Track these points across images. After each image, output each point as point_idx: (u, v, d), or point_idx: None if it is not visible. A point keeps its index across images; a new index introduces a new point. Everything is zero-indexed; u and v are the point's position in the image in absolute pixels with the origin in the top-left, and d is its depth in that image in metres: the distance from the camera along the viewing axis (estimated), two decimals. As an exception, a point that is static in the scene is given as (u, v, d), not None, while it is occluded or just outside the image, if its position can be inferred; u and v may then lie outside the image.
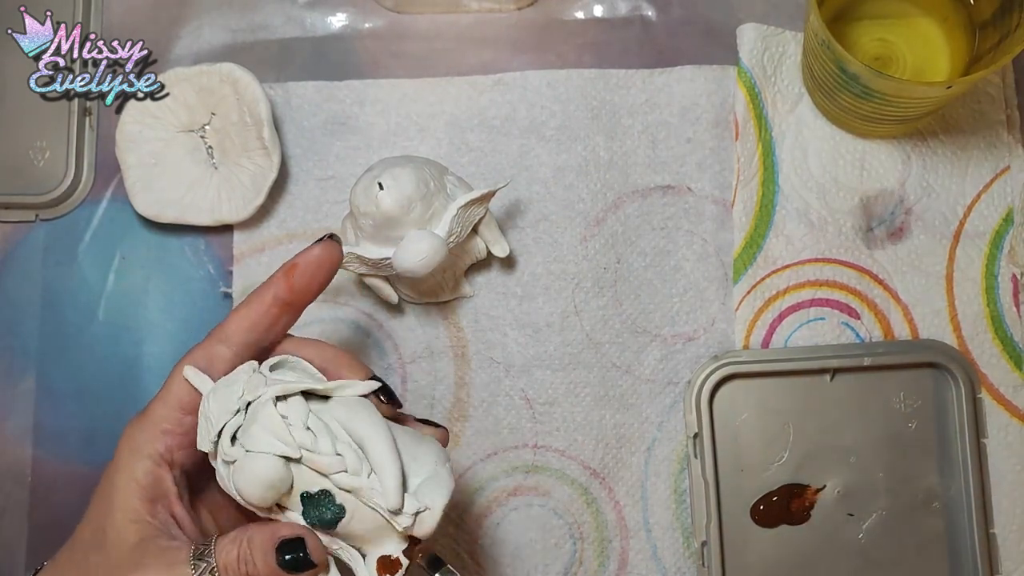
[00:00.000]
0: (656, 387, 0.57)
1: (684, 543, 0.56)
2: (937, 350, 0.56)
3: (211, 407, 0.41)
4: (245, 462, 0.40)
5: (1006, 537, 0.55)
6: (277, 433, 0.40)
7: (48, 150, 0.59)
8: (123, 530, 0.41)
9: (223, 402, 0.41)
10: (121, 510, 0.42)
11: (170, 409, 0.42)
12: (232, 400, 0.41)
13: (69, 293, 0.58)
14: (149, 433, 0.42)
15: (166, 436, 0.42)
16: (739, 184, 0.58)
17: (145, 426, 0.42)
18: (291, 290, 0.43)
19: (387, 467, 0.40)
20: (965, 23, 0.55)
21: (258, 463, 0.40)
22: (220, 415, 0.41)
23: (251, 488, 0.40)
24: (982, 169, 0.58)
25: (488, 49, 0.60)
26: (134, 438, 0.42)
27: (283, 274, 0.43)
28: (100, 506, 0.42)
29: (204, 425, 0.41)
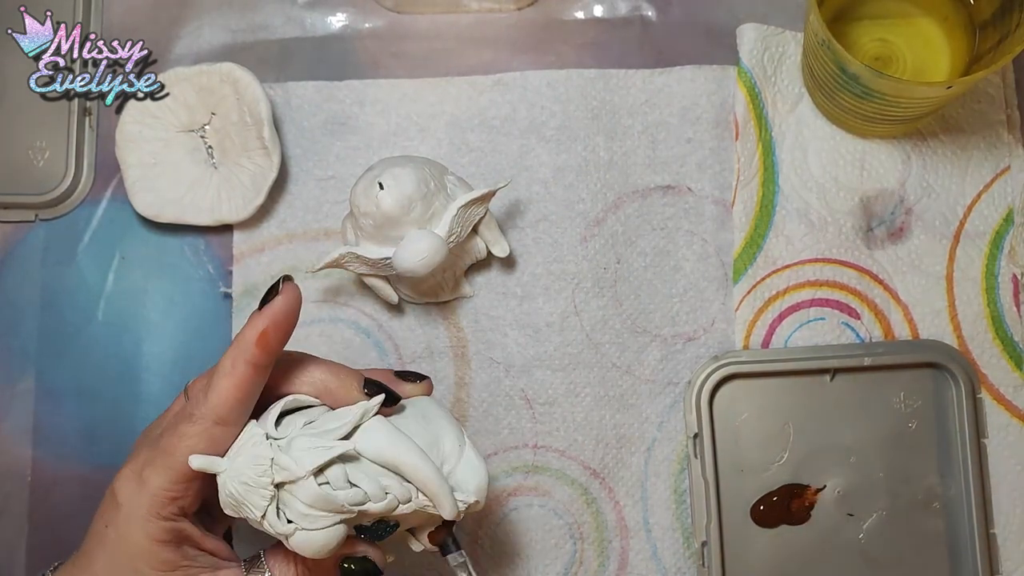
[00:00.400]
0: (656, 387, 0.57)
1: (684, 543, 0.56)
2: (937, 350, 0.56)
3: (240, 493, 0.40)
4: (305, 538, 0.40)
5: (1006, 537, 0.55)
6: (328, 508, 0.40)
7: (48, 150, 0.59)
8: None
9: (252, 488, 0.40)
10: (150, 565, 0.41)
11: (173, 482, 0.41)
12: (263, 485, 0.40)
13: (68, 293, 0.58)
14: (156, 502, 0.41)
15: (175, 502, 0.42)
16: (739, 184, 0.58)
17: (150, 496, 0.41)
18: (267, 354, 0.42)
19: (434, 486, 0.42)
20: (965, 23, 0.55)
21: (318, 538, 0.40)
22: (255, 501, 0.40)
23: (318, 555, 0.41)
24: (982, 169, 0.58)
25: (488, 49, 0.60)
26: (138, 505, 0.41)
27: (256, 343, 0.41)
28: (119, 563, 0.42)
29: (236, 504, 0.41)
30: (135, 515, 0.41)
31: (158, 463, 0.42)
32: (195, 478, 0.42)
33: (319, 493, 0.40)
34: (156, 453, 0.42)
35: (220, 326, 0.58)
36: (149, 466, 0.42)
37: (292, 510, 0.40)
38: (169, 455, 0.41)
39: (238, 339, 0.42)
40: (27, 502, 0.57)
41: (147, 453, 0.42)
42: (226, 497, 0.41)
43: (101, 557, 0.42)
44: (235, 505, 0.41)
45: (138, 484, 0.42)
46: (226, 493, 0.41)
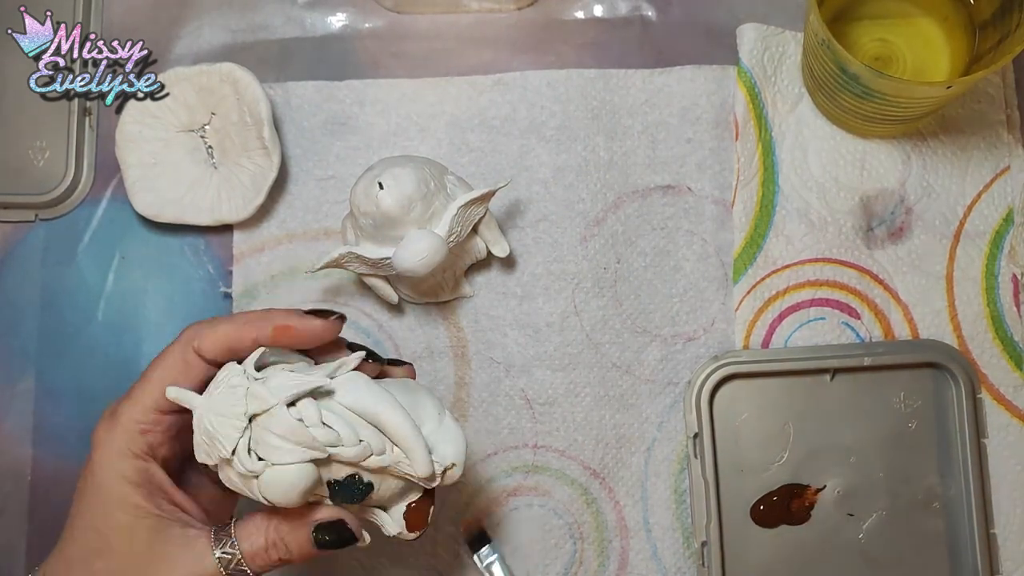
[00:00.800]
0: (656, 387, 0.57)
1: (684, 543, 0.56)
2: (937, 350, 0.56)
3: (213, 425, 0.40)
4: (273, 475, 0.40)
5: (1006, 537, 0.55)
6: (300, 440, 0.40)
7: (48, 150, 0.59)
8: (132, 529, 0.41)
9: (226, 419, 0.40)
10: (123, 511, 0.41)
11: (145, 411, 0.42)
12: (236, 417, 0.40)
13: (68, 293, 0.58)
14: (126, 434, 0.42)
15: (146, 436, 0.42)
16: (739, 184, 0.58)
17: (121, 429, 0.42)
18: (273, 342, 0.43)
19: (410, 440, 0.41)
20: (965, 23, 0.55)
21: (288, 474, 0.40)
22: (227, 433, 0.40)
23: (285, 498, 0.40)
24: (982, 169, 0.58)
25: (488, 49, 0.60)
26: (112, 441, 0.42)
27: (274, 328, 0.42)
28: (92, 513, 0.42)
29: (208, 442, 0.40)
30: (107, 454, 0.41)
31: (133, 394, 0.42)
32: (167, 409, 0.42)
33: (291, 423, 0.39)
34: (133, 387, 0.43)
35: (220, 326, 0.58)
36: (123, 400, 0.42)
37: (263, 446, 0.40)
38: (144, 382, 0.42)
39: (267, 311, 0.43)
40: (27, 502, 0.57)
41: (125, 394, 0.43)
42: (200, 435, 0.40)
43: (77, 511, 0.42)
44: (207, 443, 0.40)
45: (110, 421, 0.42)
46: (200, 430, 0.40)
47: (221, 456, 0.40)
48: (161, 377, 0.42)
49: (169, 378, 0.42)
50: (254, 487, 0.40)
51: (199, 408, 0.41)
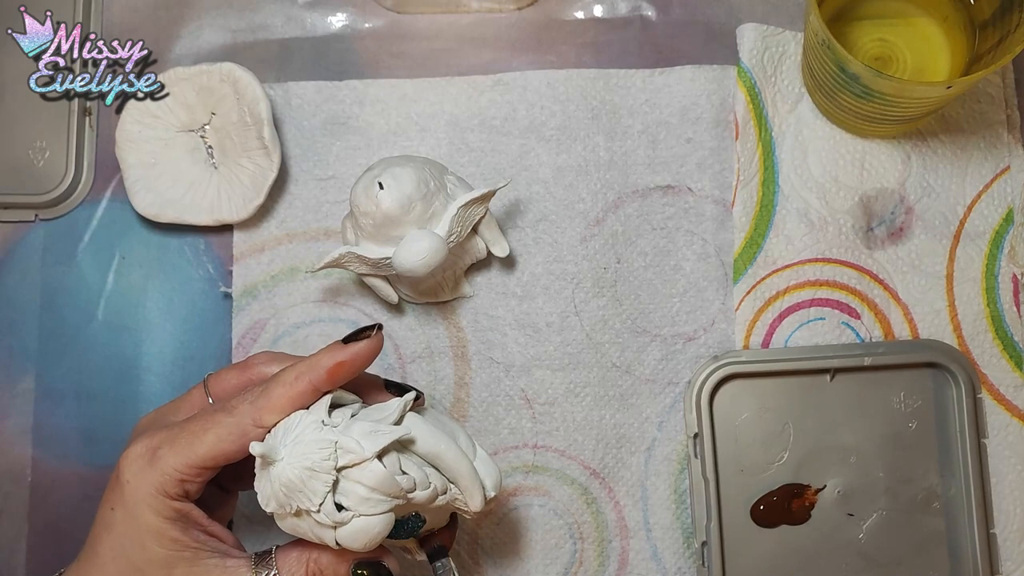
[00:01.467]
0: (656, 387, 0.57)
1: (684, 543, 0.56)
2: (937, 350, 0.56)
3: (302, 480, 0.40)
4: (360, 524, 0.40)
5: (1006, 537, 0.55)
6: (390, 492, 0.41)
7: (48, 150, 0.59)
8: (169, 561, 0.41)
9: (317, 473, 0.40)
10: (159, 543, 0.41)
11: (188, 466, 0.42)
12: (327, 470, 0.40)
13: (68, 293, 0.58)
14: (164, 479, 0.42)
15: (183, 484, 0.42)
16: (739, 184, 0.58)
17: (159, 472, 0.42)
18: (331, 383, 0.43)
19: (470, 479, 0.44)
20: (965, 23, 0.55)
21: (375, 524, 0.41)
22: (316, 487, 0.40)
23: (367, 545, 0.41)
24: (982, 169, 0.58)
25: (488, 49, 0.60)
26: (146, 479, 0.42)
27: (329, 370, 0.43)
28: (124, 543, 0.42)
29: (286, 495, 0.40)
30: (141, 492, 0.42)
31: (179, 444, 0.42)
32: (210, 467, 0.42)
33: (385, 475, 0.40)
34: (179, 433, 0.42)
35: (220, 326, 0.58)
36: (167, 445, 0.42)
37: (351, 497, 0.40)
38: (194, 437, 0.42)
39: (311, 359, 0.43)
40: (27, 502, 0.57)
41: (165, 434, 0.43)
42: (279, 487, 0.40)
43: (107, 541, 0.42)
44: (286, 495, 0.40)
45: (148, 462, 0.42)
46: (281, 482, 0.40)
47: (303, 508, 0.40)
48: (216, 442, 0.42)
49: (224, 445, 0.42)
50: (328, 535, 0.41)
51: (282, 460, 0.40)
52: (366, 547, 0.41)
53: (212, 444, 0.42)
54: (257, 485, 0.42)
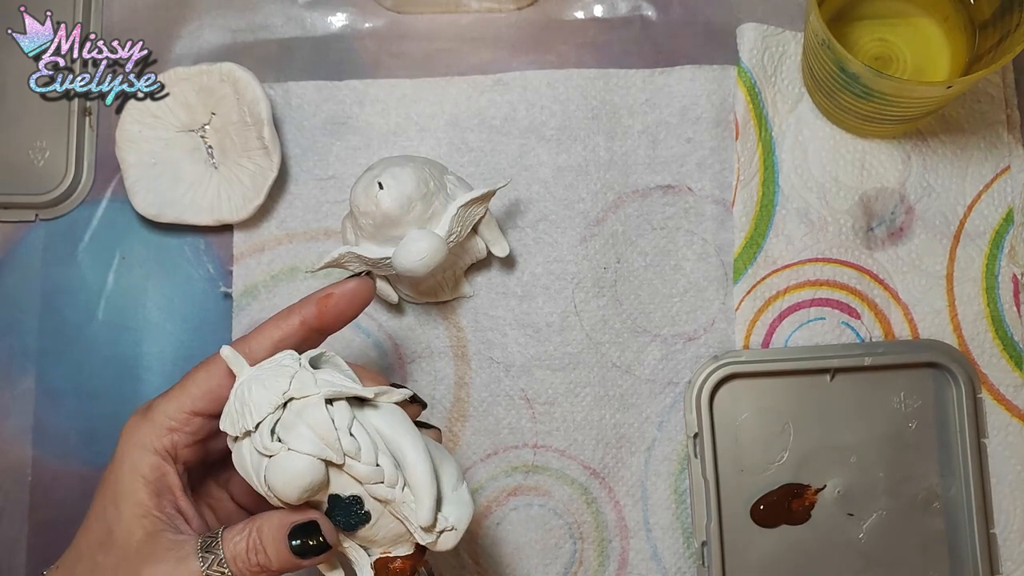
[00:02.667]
0: (656, 387, 0.57)
1: (684, 543, 0.56)
2: (937, 350, 0.56)
3: (252, 395, 0.40)
4: (285, 460, 0.39)
5: (1006, 537, 0.55)
6: (325, 437, 0.39)
7: (48, 150, 0.59)
8: (131, 526, 0.41)
9: (266, 393, 0.40)
10: (128, 506, 0.42)
11: (178, 409, 0.42)
12: (276, 393, 0.40)
13: (69, 293, 0.58)
14: (154, 430, 0.42)
15: (172, 434, 0.42)
16: (739, 184, 0.58)
17: (150, 423, 0.42)
18: (320, 317, 0.43)
19: (424, 486, 0.41)
20: (965, 23, 0.55)
21: (300, 463, 0.39)
22: (261, 406, 0.40)
23: (286, 487, 0.39)
24: (982, 169, 0.58)
25: (488, 49, 0.60)
26: (137, 434, 0.42)
27: (315, 301, 0.43)
28: (105, 505, 0.42)
29: (239, 410, 0.40)
30: (129, 446, 0.42)
31: (171, 392, 0.43)
32: (199, 412, 0.42)
33: (323, 418, 0.39)
34: (173, 386, 0.43)
35: (220, 326, 0.58)
36: (161, 397, 0.43)
37: (289, 430, 0.39)
38: (184, 381, 0.43)
39: (302, 300, 0.44)
40: (27, 502, 0.57)
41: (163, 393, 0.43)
42: (233, 402, 0.40)
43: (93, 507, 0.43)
44: (238, 412, 0.40)
45: (142, 414, 0.43)
46: (236, 397, 0.40)
47: (245, 427, 0.40)
48: (205, 378, 0.42)
49: (213, 380, 0.42)
50: (261, 469, 0.40)
51: (244, 375, 0.41)
52: (288, 489, 0.39)
53: (201, 381, 0.42)
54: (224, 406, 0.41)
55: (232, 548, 0.41)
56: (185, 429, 0.42)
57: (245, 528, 0.41)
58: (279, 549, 0.41)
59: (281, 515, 0.41)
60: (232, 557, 0.41)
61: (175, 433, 0.42)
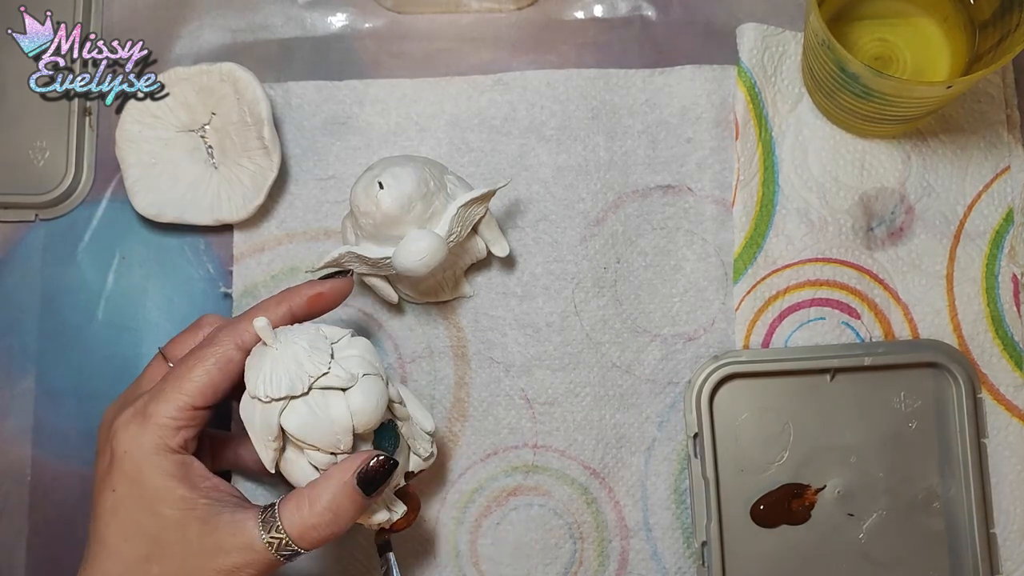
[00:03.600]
0: (656, 387, 0.57)
1: (684, 543, 0.56)
2: (937, 350, 0.56)
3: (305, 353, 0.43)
4: (364, 383, 0.44)
5: (1006, 537, 0.55)
6: (374, 361, 0.46)
7: (48, 150, 0.59)
8: (183, 523, 0.42)
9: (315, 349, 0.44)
10: (170, 507, 0.42)
11: (181, 409, 0.43)
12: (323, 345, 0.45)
13: (69, 293, 0.58)
14: (164, 432, 0.42)
15: (182, 431, 0.43)
16: (739, 184, 0.58)
17: (156, 427, 0.42)
18: (308, 310, 0.47)
19: (420, 407, 0.50)
20: (965, 23, 0.55)
21: (376, 382, 0.45)
22: (321, 357, 0.44)
23: (375, 405, 0.44)
24: (982, 169, 0.58)
25: (488, 49, 0.60)
26: (146, 441, 0.42)
27: (308, 298, 0.48)
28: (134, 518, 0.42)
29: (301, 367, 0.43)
30: (141, 456, 0.42)
31: (166, 393, 0.43)
32: (202, 406, 0.43)
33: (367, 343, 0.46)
34: (162, 386, 0.43)
35: (220, 326, 0.58)
36: (154, 401, 0.43)
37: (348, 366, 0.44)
38: (180, 380, 0.43)
39: (293, 288, 0.48)
40: (27, 502, 0.57)
41: (148, 395, 0.44)
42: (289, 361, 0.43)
43: (115, 524, 0.42)
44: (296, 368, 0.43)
45: (141, 424, 0.42)
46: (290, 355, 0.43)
47: (314, 373, 0.43)
48: (204, 374, 0.43)
49: (212, 374, 0.43)
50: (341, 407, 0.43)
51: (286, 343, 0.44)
52: (377, 409, 0.44)
53: (200, 378, 0.43)
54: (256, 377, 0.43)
55: (292, 521, 0.42)
56: (192, 424, 0.43)
57: (303, 497, 0.43)
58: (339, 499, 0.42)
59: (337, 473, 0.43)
60: (296, 532, 0.42)
61: (184, 430, 0.43)
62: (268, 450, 0.44)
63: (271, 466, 0.45)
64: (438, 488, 0.57)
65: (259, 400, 0.43)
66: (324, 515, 0.42)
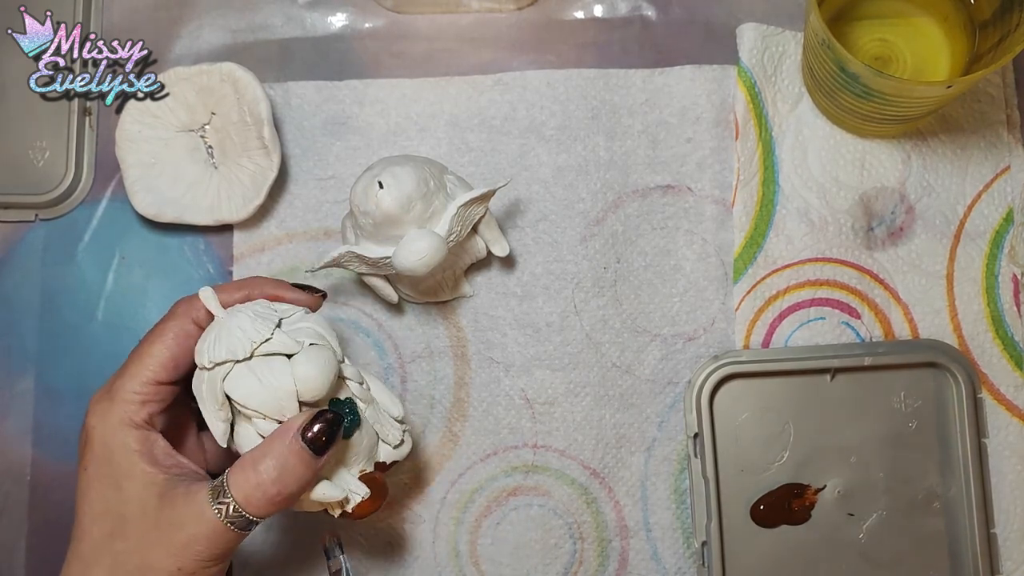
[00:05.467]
0: (656, 387, 0.57)
1: (684, 543, 0.56)
2: (937, 350, 0.56)
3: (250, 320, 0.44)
4: (311, 351, 0.44)
5: (1006, 537, 0.55)
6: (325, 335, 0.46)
7: (48, 150, 0.59)
8: (142, 497, 0.42)
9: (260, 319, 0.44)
10: (132, 483, 0.42)
11: (143, 383, 0.43)
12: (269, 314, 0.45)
13: (68, 293, 0.58)
14: (127, 407, 0.43)
15: (146, 406, 0.43)
16: (739, 184, 0.58)
17: (120, 403, 0.43)
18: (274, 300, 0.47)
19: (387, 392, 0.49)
20: (965, 23, 0.55)
21: (323, 351, 0.44)
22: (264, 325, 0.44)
23: (319, 373, 0.44)
24: (982, 169, 0.58)
25: (488, 49, 0.60)
26: (111, 417, 0.43)
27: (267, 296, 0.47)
28: (102, 497, 0.42)
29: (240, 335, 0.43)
30: (107, 430, 0.43)
31: (130, 368, 0.44)
32: (165, 380, 0.44)
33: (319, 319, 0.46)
34: (127, 362, 0.44)
35: (220, 326, 0.58)
36: (119, 378, 0.44)
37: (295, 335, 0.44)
38: (141, 355, 0.44)
39: (254, 279, 0.47)
40: (27, 502, 0.57)
41: (117, 372, 0.44)
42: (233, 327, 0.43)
43: (85, 503, 0.43)
44: (240, 335, 0.43)
45: (108, 399, 0.43)
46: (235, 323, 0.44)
47: (258, 340, 0.43)
48: (163, 348, 0.44)
49: (172, 347, 0.44)
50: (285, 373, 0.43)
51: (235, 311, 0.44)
52: (321, 379, 0.43)
53: (159, 352, 0.44)
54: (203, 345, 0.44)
55: (239, 487, 0.42)
56: (156, 399, 0.44)
57: (248, 464, 0.42)
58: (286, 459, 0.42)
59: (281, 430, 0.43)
60: (244, 499, 0.42)
61: (148, 404, 0.43)
62: (217, 421, 0.44)
63: (223, 439, 0.44)
64: (438, 488, 0.57)
65: (204, 369, 0.44)
66: (268, 472, 0.42)
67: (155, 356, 0.44)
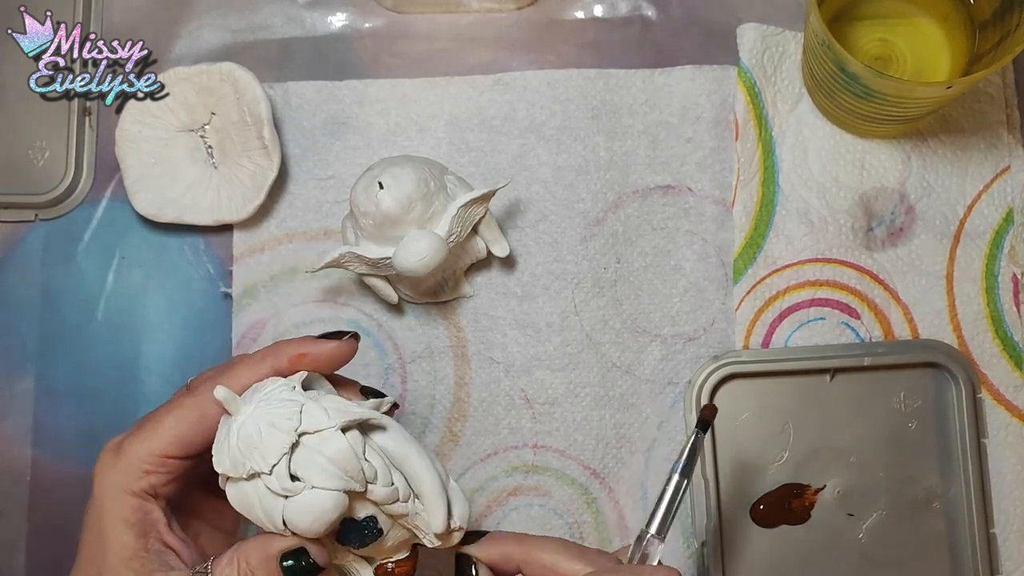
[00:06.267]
0: (656, 387, 0.57)
1: (684, 543, 0.56)
2: (937, 350, 0.56)
3: (260, 435, 0.38)
4: (311, 499, 0.38)
5: (1006, 537, 0.55)
6: (349, 470, 0.39)
7: (48, 150, 0.59)
8: (118, 569, 0.40)
9: (277, 432, 0.38)
10: (114, 550, 0.41)
11: (150, 452, 0.41)
12: (288, 431, 0.38)
13: (68, 293, 0.58)
14: (130, 472, 0.41)
15: (148, 476, 0.41)
16: (739, 184, 0.58)
17: (124, 465, 0.41)
18: (291, 371, 0.42)
19: (436, 495, 0.41)
20: (965, 23, 0.55)
21: (327, 500, 0.38)
22: (273, 447, 0.38)
23: (313, 524, 0.39)
24: (982, 169, 0.58)
25: (488, 49, 0.60)
26: (113, 476, 0.41)
27: (291, 359, 0.42)
28: (92, 548, 0.42)
29: (244, 451, 0.39)
30: (106, 489, 0.41)
31: (143, 432, 0.41)
32: (174, 455, 0.41)
33: (347, 448, 0.38)
34: (144, 423, 0.42)
35: (220, 326, 0.58)
36: (132, 436, 0.42)
37: (307, 467, 0.38)
38: (156, 423, 0.41)
39: (278, 344, 0.42)
40: (27, 502, 0.57)
41: (135, 427, 0.42)
42: (236, 443, 0.38)
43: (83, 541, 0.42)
44: (241, 453, 0.38)
45: (115, 455, 0.41)
46: (239, 438, 0.38)
47: (256, 469, 0.38)
48: (175, 423, 0.41)
49: (184, 425, 0.41)
50: (277, 509, 0.39)
51: (245, 415, 0.39)
52: (313, 527, 0.39)
53: (172, 426, 0.41)
54: (215, 444, 0.40)
55: None
56: (161, 471, 0.41)
57: (234, 557, 0.40)
58: (269, 572, 0.40)
59: (265, 541, 0.40)
60: None
61: (151, 475, 0.41)
62: None
63: None
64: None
65: None
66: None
67: (167, 428, 0.41)
